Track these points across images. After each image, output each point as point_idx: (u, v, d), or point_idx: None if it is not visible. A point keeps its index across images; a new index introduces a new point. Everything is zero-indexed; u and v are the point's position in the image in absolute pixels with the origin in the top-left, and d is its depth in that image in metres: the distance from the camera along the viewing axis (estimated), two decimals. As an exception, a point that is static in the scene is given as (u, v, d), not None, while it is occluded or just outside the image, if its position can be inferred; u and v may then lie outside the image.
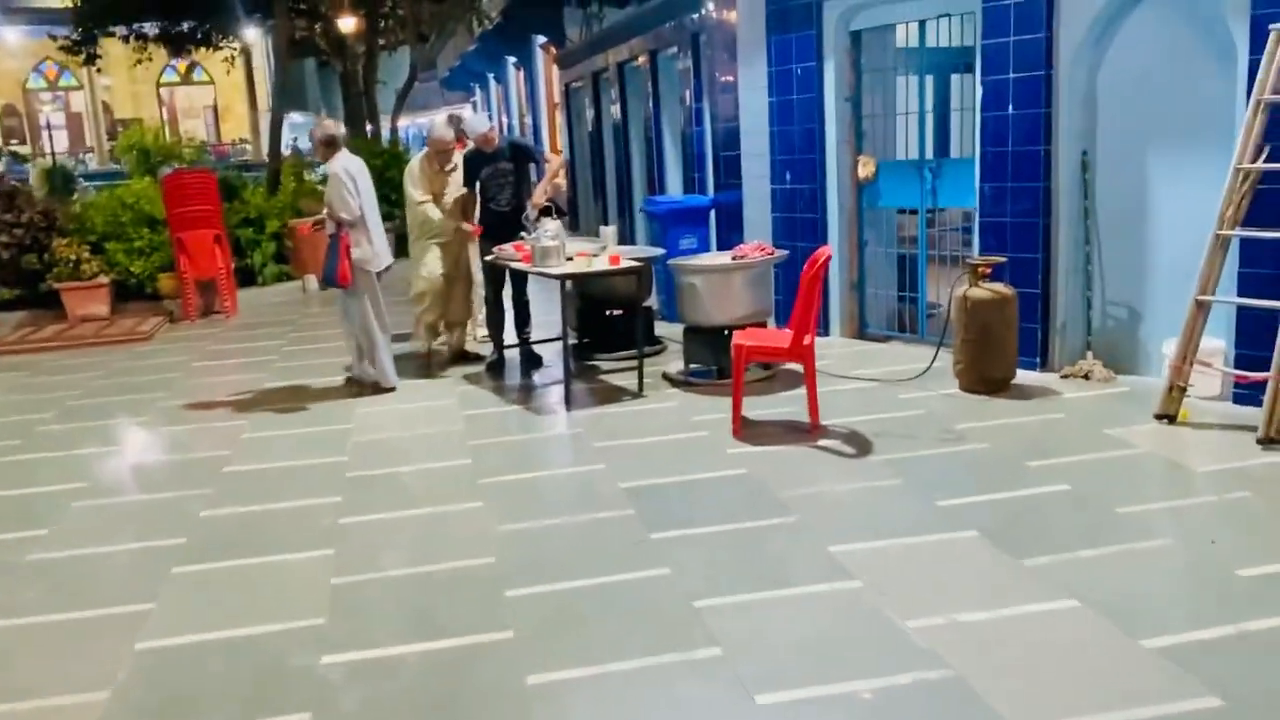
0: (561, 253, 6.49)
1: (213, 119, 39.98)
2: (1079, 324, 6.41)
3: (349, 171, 6.50)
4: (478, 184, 7.23)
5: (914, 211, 7.47)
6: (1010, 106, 6.38)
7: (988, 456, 5.10)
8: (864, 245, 7.73)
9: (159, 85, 37.89)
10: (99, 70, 28.01)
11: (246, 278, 11.47)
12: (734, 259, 6.84)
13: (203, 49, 19.81)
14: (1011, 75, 6.35)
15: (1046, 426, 5.53)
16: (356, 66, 18.86)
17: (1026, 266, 6.40)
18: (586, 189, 16.83)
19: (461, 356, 7.65)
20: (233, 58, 23.04)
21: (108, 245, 10.40)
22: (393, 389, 6.94)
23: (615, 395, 6.57)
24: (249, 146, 34.84)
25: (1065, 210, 6.35)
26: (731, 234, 8.40)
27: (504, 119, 25.56)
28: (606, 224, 15.38)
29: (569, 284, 6.51)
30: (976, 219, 6.77)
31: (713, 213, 8.72)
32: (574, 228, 17.24)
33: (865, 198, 7.65)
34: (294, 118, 40.39)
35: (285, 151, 18.38)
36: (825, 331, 7.84)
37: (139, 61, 19.41)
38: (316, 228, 6.80)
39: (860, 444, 5.31)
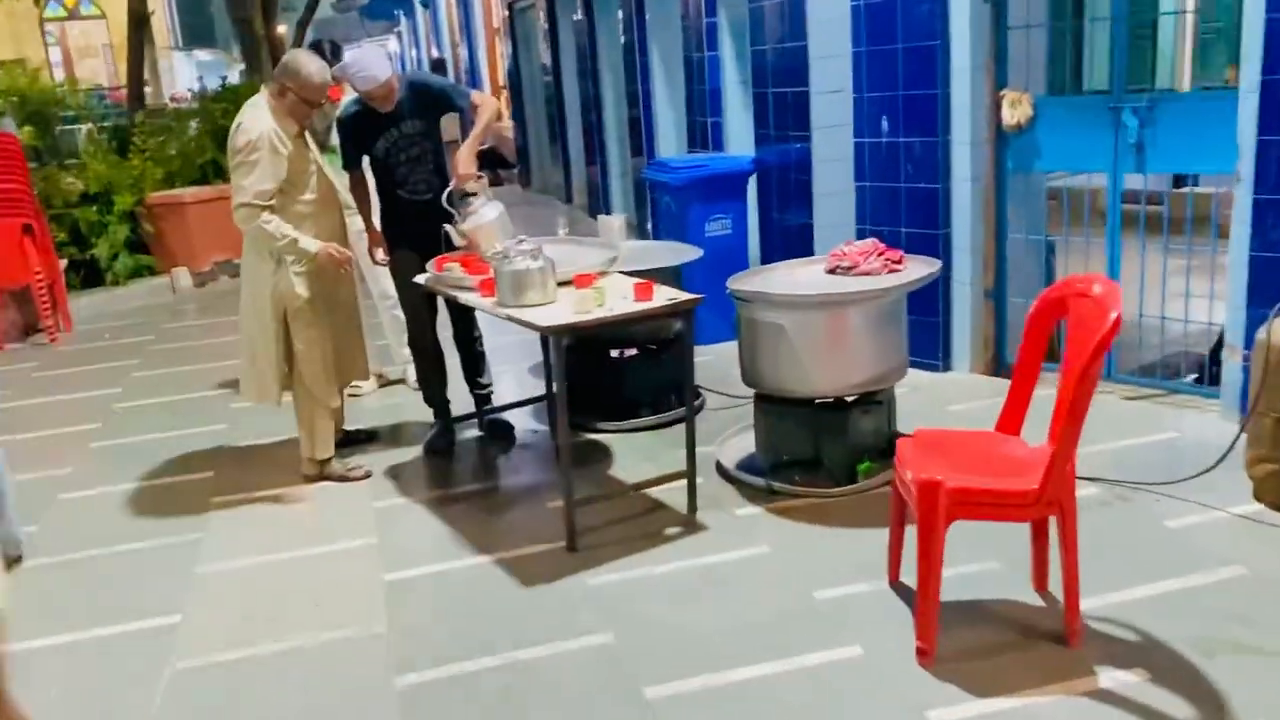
0: (549, 278, 3.66)
1: (112, 58, 35.81)
2: None
3: None
4: (370, 161, 4.37)
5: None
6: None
7: None
8: (1003, 232, 4.97)
9: (42, 21, 33.64)
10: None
11: (91, 277, 8.41)
12: (835, 269, 4.06)
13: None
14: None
15: None
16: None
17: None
18: (540, 141, 13.78)
19: (347, 440, 4.68)
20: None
21: None
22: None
23: (649, 523, 3.79)
24: (149, 89, 31.00)
25: None
26: (785, 212, 5.58)
27: (432, 53, 22.15)
28: (569, 197, 12.33)
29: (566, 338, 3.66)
30: (1244, 194, 4.04)
31: (753, 180, 5.89)
32: (526, 183, 14.23)
33: (1011, 156, 4.87)
34: (199, 55, 36.48)
35: (186, 94, 15.00)
36: (942, 363, 5.10)
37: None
38: None
39: (1187, 685, 2.62)
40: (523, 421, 4.82)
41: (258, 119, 3.94)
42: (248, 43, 15.17)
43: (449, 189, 4.23)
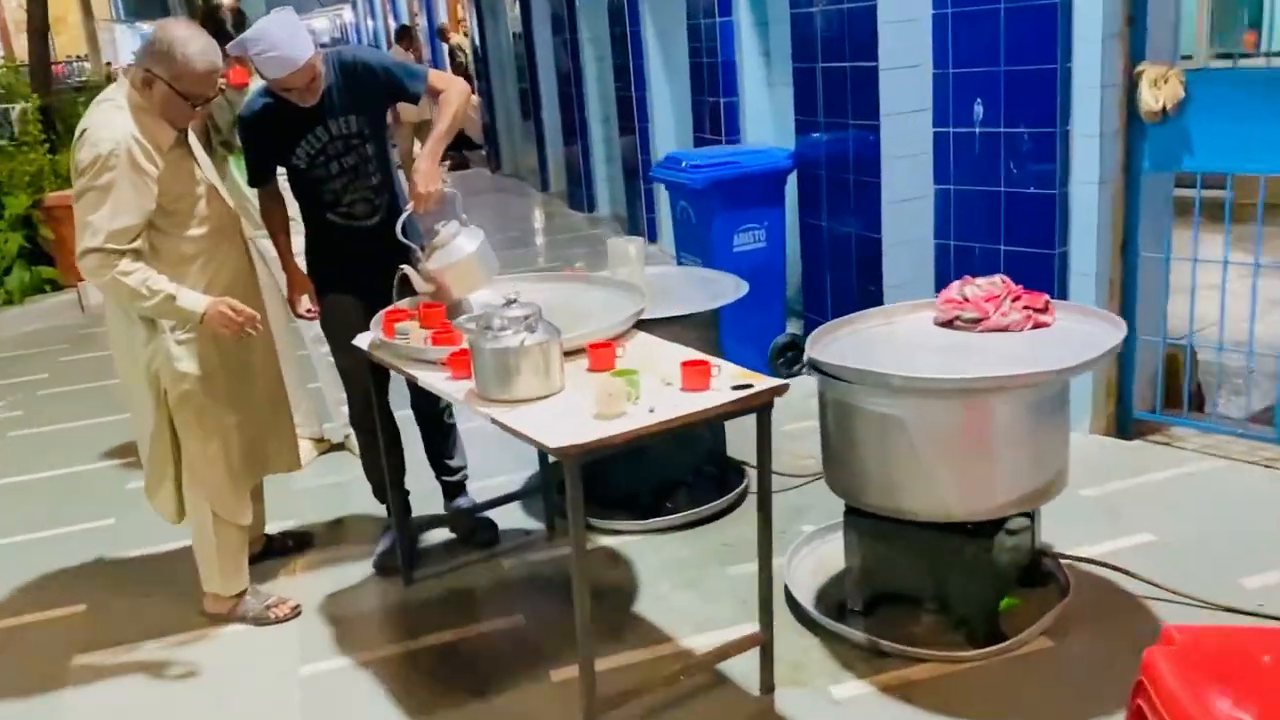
0: (552, 357, 2.41)
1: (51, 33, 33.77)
2: None
3: None
4: (289, 174, 3.11)
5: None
6: None
7: None
8: (1133, 251, 3.78)
9: (-28, -6, 31.61)
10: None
11: (-21, 294, 7.07)
12: (952, 321, 2.87)
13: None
14: None
15: None
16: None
17: None
18: (510, 119, 12.43)
19: (269, 549, 3.45)
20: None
21: None
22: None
23: (705, 708, 2.58)
24: (87, 65, 29.14)
25: None
26: (838, 222, 4.36)
27: (389, 22, 20.59)
28: (544, 183, 10.71)
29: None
30: None
31: (792, 179, 4.66)
32: (495, 166, 12.88)
33: (1149, 152, 3.68)
34: (142, 28, 34.51)
35: (127, 67, 13.34)
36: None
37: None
38: None
39: None
40: (510, 516, 3.59)
41: (110, 124, 2.64)
42: (194, 12, 13.54)
43: (404, 213, 2.98)
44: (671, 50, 6.98)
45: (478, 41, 12.88)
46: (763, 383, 2.38)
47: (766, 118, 5.78)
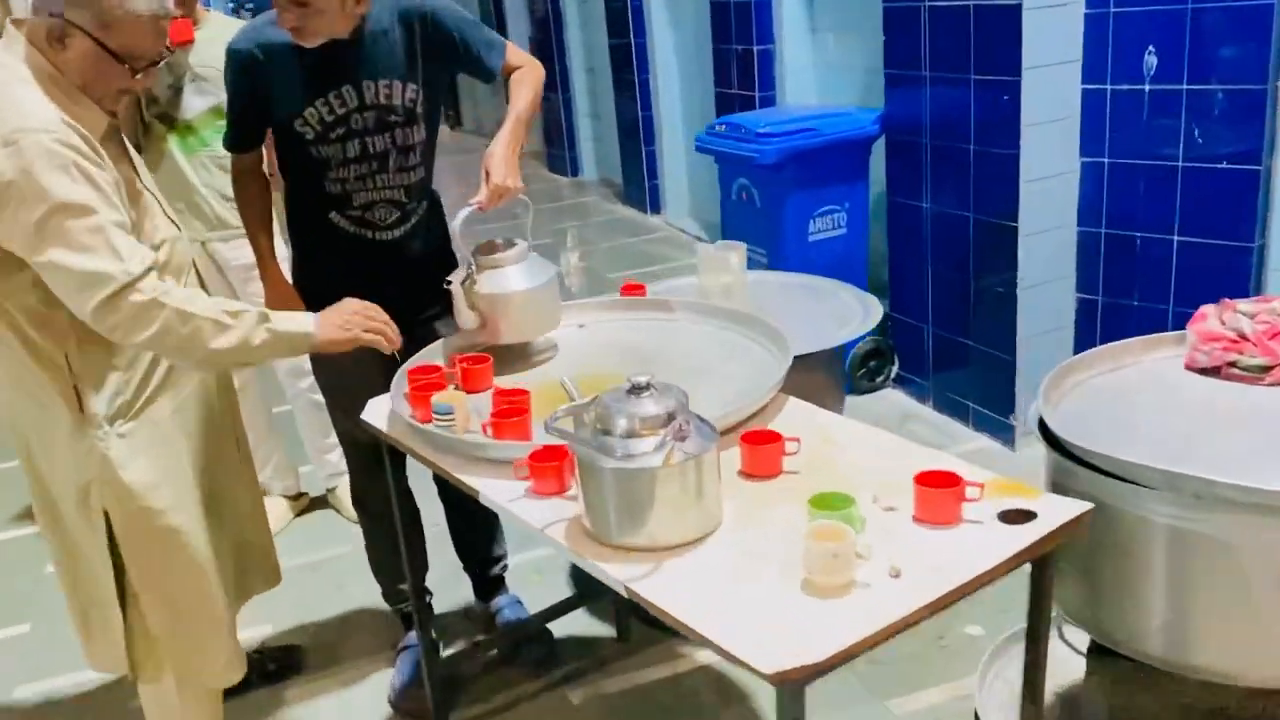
0: (708, 475, 1.51)
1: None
2: None
3: None
4: (282, 145, 2.16)
5: None
6: None
7: None
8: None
9: None
10: None
11: None
12: (1220, 368, 2.02)
13: None
14: None
15: None
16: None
17: None
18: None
19: (245, 677, 2.22)
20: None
21: None
22: None
23: None
24: (-4, 13, 27.04)
25: None
26: (945, 203, 3.47)
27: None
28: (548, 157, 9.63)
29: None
30: None
31: (878, 146, 3.75)
32: (455, 122, 11.76)
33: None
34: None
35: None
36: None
37: None
38: None
39: None
40: (571, 624, 2.69)
41: (18, 107, 1.66)
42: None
43: (465, 209, 2.03)
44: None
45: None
46: (1047, 505, 1.50)
47: (808, 71, 4.86)
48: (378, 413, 1.99)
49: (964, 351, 3.49)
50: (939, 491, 1.48)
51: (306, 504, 3.39)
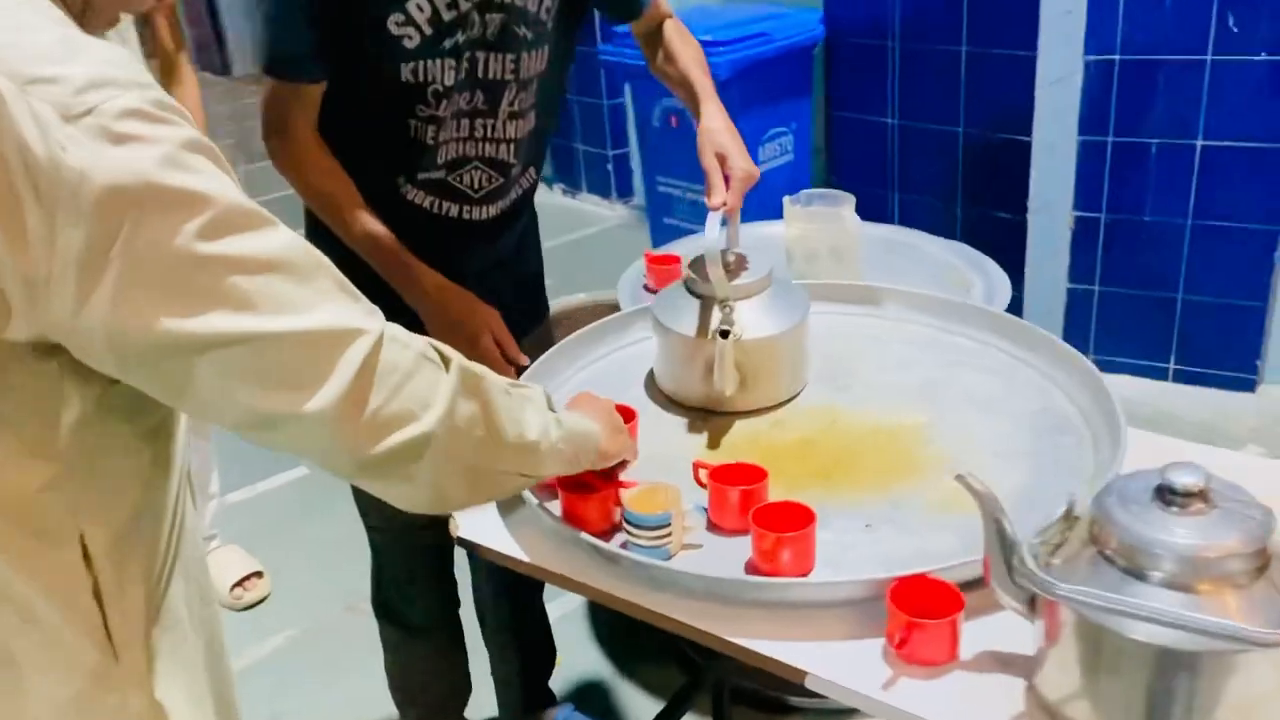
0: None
1: None
2: None
3: None
4: (344, 95, 1.28)
5: None
6: None
7: None
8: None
9: None
10: None
11: None
12: None
13: None
14: None
15: None
16: None
17: None
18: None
19: None
20: None
21: None
22: None
23: None
24: None
25: None
26: (923, 116, 2.95)
27: None
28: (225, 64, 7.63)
29: None
30: None
31: (821, 52, 3.15)
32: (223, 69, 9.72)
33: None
34: None
35: None
36: None
37: None
38: None
39: None
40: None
41: (77, 53, 0.66)
42: None
43: (716, 221, 1.26)
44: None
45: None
46: None
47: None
48: (481, 523, 1.19)
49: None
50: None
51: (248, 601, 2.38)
